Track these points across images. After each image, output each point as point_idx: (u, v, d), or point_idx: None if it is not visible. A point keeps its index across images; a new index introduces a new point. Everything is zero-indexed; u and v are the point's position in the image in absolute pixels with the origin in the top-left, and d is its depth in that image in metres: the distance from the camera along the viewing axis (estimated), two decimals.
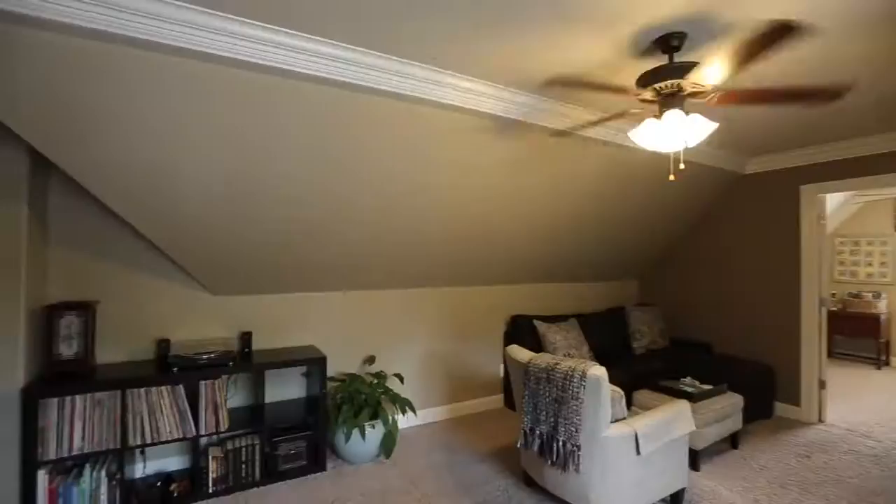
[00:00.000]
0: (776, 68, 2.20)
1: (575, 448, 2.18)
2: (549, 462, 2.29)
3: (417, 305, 3.79)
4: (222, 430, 2.60)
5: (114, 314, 2.69)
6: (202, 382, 2.57)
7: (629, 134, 2.09)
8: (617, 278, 5.16)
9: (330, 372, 3.26)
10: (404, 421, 3.63)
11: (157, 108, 1.92)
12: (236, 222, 2.57)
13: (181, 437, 2.49)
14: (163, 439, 2.45)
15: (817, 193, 3.83)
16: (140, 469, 2.72)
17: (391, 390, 3.16)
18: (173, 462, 2.81)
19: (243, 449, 2.69)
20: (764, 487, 2.72)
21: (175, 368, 2.53)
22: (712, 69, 1.80)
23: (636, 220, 4.26)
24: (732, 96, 1.98)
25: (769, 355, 4.09)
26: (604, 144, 3.09)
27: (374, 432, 2.95)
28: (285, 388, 3.19)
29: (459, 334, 4.00)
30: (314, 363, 2.95)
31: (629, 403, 3.23)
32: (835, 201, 5.84)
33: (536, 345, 3.87)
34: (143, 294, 2.78)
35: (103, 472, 2.32)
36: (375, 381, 3.19)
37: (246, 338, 2.98)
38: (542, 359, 2.42)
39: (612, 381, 3.46)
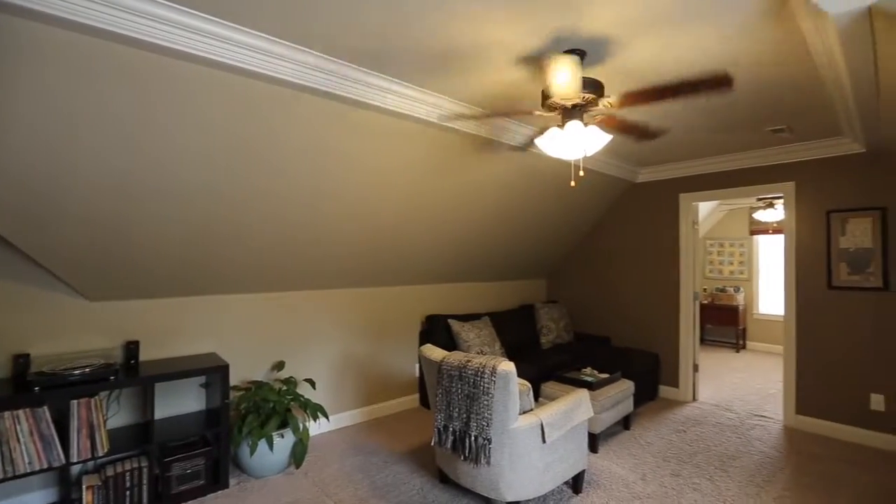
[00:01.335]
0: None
1: (486, 441, 2.26)
2: (463, 457, 2.35)
3: (330, 307, 3.67)
4: (100, 454, 2.29)
5: None
6: (74, 402, 2.23)
7: (535, 141, 2.22)
8: (527, 277, 5.46)
9: (234, 380, 3.04)
10: (316, 427, 3.49)
11: (34, 86, 1.65)
12: (125, 218, 2.28)
13: (45, 467, 2.14)
14: (19, 472, 2.08)
15: (692, 201, 4.40)
16: None
17: (302, 396, 3.01)
18: (35, 498, 2.41)
19: (127, 473, 2.39)
20: (650, 462, 3.05)
21: (37, 388, 2.16)
22: (611, 95, 1.99)
23: (543, 223, 4.54)
24: (629, 99, 2.19)
25: (655, 345, 4.61)
26: (512, 150, 3.25)
27: (284, 442, 2.79)
28: (181, 401, 2.89)
29: (374, 335, 3.95)
30: (215, 372, 2.71)
31: (537, 395, 3.44)
32: (706, 208, 6.76)
33: (451, 343, 3.95)
34: None
35: None
36: (284, 388, 3.02)
37: (132, 348, 2.66)
38: (455, 357, 2.47)
39: (522, 374, 3.64)
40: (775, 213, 5.94)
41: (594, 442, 3.17)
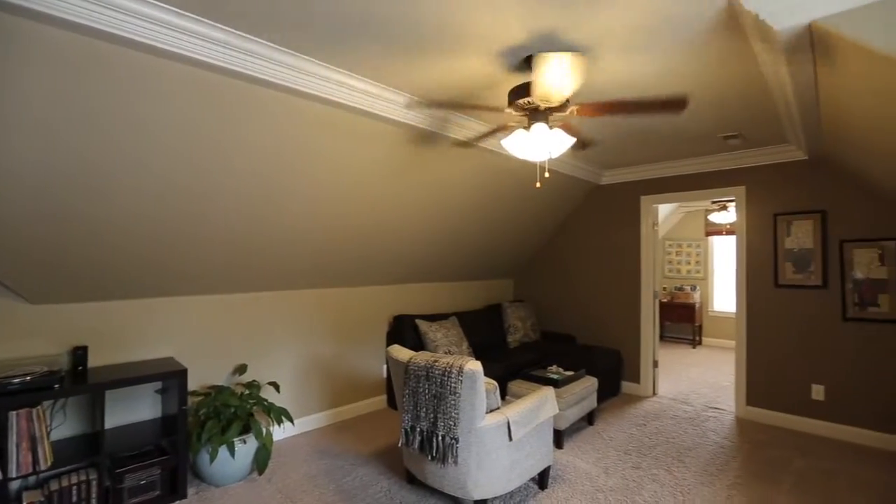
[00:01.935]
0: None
1: (453, 441, 2.27)
2: (430, 457, 2.35)
3: (295, 308, 3.58)
4: (43, 468, 2.14)
5: None
6: (13, 413, 2.08)
7: (502, 142, 2.25)
8: (494, 277, 5.52)
9: (193, 385, 2.92)
10: (280, 432, 3.40)
11: (15, 83, 1.57)
12: (94, 217, 2.17)
13: None
14: None
15: (652, 203, 4.57)
16: None
17: (265, 400, 2.93)
18: None
19: (74, 488, 2.25)
20: (612, 456, 3.15)
21: None
22: (559, 86, 1.98)
23: (509, 223, 4.60)
24: (589, 109, 2.23)
25: (618, 342, 4.76)
26: (479, 151, 3.28)
27: (246, 448, 2.70)
28: (135, 409, 2.75)
29: (340, 336, 3.89)
30: (171, 377, 2.59)
31: (504, 393, 3.48)
32: (665, 210, 7.04)
33: (419, 343, 3.94)
34: None
35: None
36: (247, 392, 2.93)
37: (79, 353, 2.51)
38: (422, 357, 2.47)
39: (489, 373, 3.68)
40: (728, 216, 6.25)
41: (559, 438, 3.24)
